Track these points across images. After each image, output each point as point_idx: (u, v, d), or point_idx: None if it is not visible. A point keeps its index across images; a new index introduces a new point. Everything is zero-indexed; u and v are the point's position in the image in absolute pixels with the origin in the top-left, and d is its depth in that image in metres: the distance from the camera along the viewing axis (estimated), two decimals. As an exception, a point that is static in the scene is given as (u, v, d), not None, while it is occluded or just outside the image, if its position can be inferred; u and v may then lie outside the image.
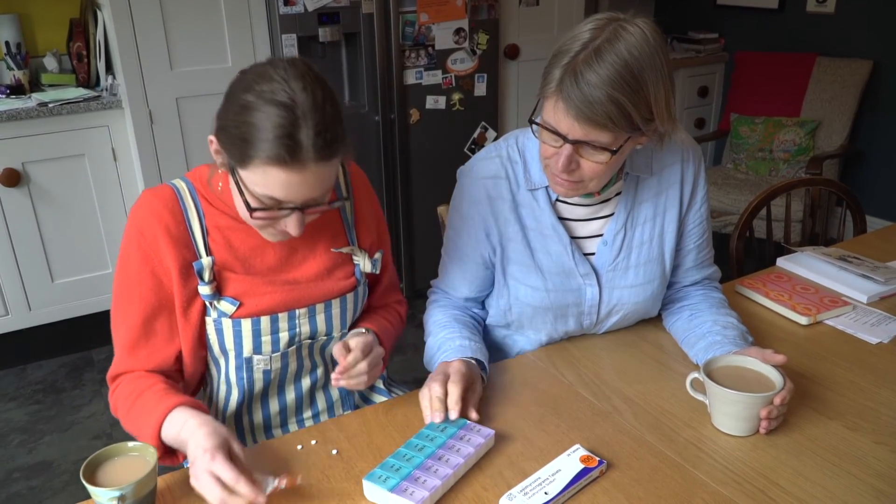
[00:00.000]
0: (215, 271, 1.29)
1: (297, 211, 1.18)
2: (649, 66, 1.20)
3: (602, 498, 1.12)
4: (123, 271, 1.30)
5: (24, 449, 2.67)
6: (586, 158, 1.27)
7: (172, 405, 1.19)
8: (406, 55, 3.29)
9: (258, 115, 1.10)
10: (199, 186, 1.31)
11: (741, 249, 2.20)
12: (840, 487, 1.13)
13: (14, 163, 2.90)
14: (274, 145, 1.09)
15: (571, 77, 1.19)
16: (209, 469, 1.06)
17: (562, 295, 1.46)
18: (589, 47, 1.19)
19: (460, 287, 1.54)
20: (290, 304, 1.33)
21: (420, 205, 3.55)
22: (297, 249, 1.35)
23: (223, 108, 1.17)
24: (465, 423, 1.24)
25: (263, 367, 1.36)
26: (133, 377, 1.30)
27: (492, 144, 1.49)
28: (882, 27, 3.94)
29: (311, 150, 1.10)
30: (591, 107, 1.18)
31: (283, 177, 1.12)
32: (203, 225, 1.29)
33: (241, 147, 1.12)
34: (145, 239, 1.27)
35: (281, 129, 1.09)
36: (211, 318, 1.32)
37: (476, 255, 1.49)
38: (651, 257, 1.48)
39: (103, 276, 3.21)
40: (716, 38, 4.65)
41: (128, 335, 1.30)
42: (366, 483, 1.12)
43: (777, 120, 4.03)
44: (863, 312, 1.65)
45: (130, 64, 2.91)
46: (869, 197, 4.09)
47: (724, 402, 1.23)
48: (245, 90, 1.13)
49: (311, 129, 1.10)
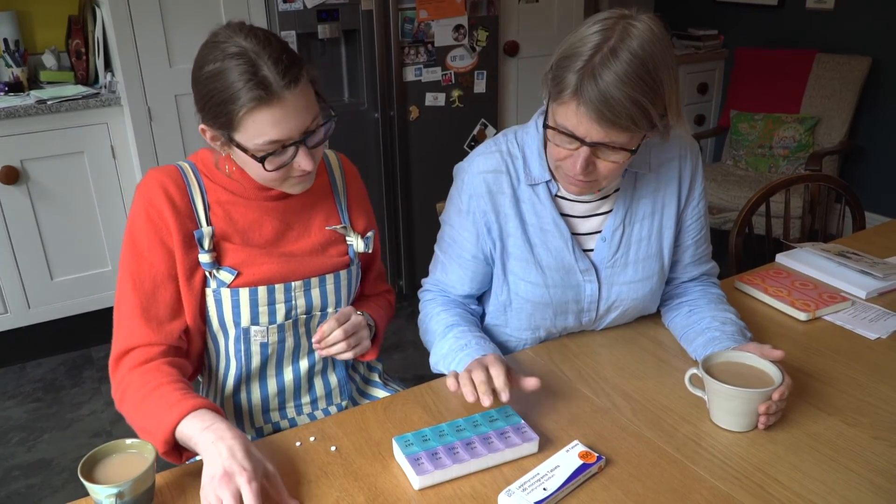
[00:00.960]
0: (215, 241, 1.34)
1: (301, 145, 1.24)
2: (662, 62, 1.20)
3: (601, 494, 1.12)
4: (131, 244, 1.32)
5: (24, 447, 2.67)
6: (603, 159, 1.28)
7: (198, 404, 1.18)
8: (405, 52, 3.28)
9: (221, 77, 1.18)
10: (201, 166, 1.38)
11: (740, 246, 2.20)
12: (838, 482, 1.13)
13: (13, 160, 2.89)
14: (246, 92, 1.17)
15: (591, 80, 1.18)
16: (237, 487, 1.05)
17: (562, 291, 1.46)
18: (604, 48, 1.18)
19: (460, 284, 1.53)
20: (286, 275, 1.37)
21: (419, 202, 3.55)
22: (292, 227, 1.41)
23: (195, 94, 1.26)
24: (520, 422, 1.23)
25: (261, 339, 1.39)
26: (147, 369, 1.27)
27: (490, 140, 1.49)
28: (881, 24, 3.93)
29: (279, 79, 1.18)
30: (612, 109, 1.18)
31: (269, 115, 1.19)
32: (205, 199, 1.35)
33: (224, 112, 1.20)
34: (154, 209, 1.31)
35: (244, 74, 1.17)
36: (210, 288, 1.35)
37: (478, 251, 1.48)
38: (650, 253, 1.48)
39: (102, 273, 3.20)
40: (715, 35, 4.65)
41: (136, 306, 1.30)
42: (394, 441, 1.19)
43: (777, 116, 4.03)
44: (862, 308, 1.65)
45: (129, 61, 2.91)
46: (868, 193, 4.09)
47: (723, 397, 1.23)
48: (201, 67, 1.22)
49: (269, 62, 1.18)
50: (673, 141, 1.46)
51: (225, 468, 1.06)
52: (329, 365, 1.50)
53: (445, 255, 1.54)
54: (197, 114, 1.27)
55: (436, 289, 1.58)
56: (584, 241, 1.48)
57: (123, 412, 1.29)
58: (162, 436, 1.16)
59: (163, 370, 1.27)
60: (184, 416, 1.16)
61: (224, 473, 1.06)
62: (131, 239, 1.32)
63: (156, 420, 1.19)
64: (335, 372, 1.51)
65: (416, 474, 1.12)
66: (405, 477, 1.15)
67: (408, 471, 1.15)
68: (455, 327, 1.45)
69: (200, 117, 1.27)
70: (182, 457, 1.21)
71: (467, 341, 1.40)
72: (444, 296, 1.56)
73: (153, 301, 1.31)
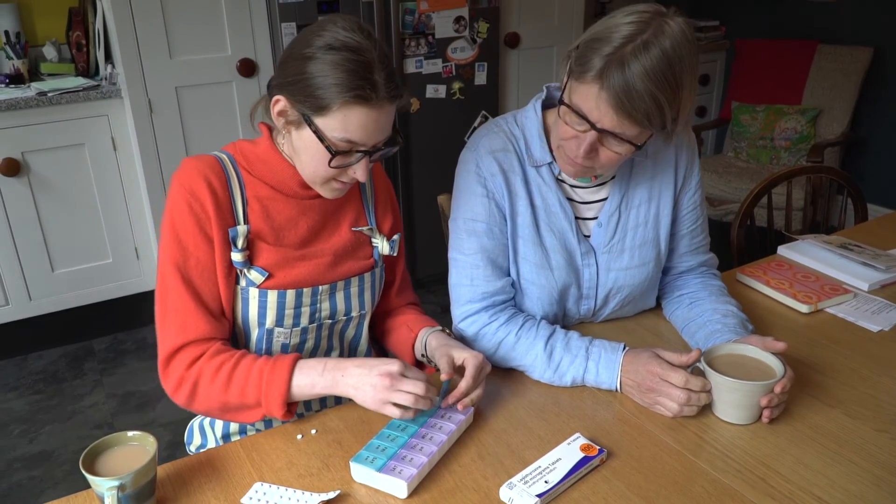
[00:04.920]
0: (249, 240, 1.32)
1: (367, 155, 1.24)
2: (689, 66, 1.21)
3: (602, 486, 1.12)
4: (174, 236, 1.27)
5: (25, 439, 2.68)
6: (607, 147, 1.28)
7: (294, 357, 1.23)
8: (406, 44, 3.27)
9: (333, 61, 1.16)
10: (240, 158, 1.34)
11: (742, 238, 2.19)
12: (840, 475, 1.13)
13: (14, 152, 2.89)
14: (356, 86, 1.16)
15: (618, 68, 1.18)
16: (402, 372, 1.17)
17: (565, 273, 1.45)
18: (637, 40, 1.19)
19: (501, 273, 1.45)
20: (316, 279, 1.36)
21: (420, 194, 3.54)
22: (325, 225, 1.39)
23: (285, 67, 1.22)
24: (439, 401, 1.25)
25: (283, 340, 1.38)
26: (210, 356, 1.25)
27: (490, 122, 1.49)
28: (883, 14, 3.92)
29: (385, 89, 1.18)
30: (632, 101, 1.19)
31: (363, 116, 1.19)
32: (244, 194, 1.32)
33: (321, 94, 1.17)
34: (197, 201, 1.26)
35: (360, 71, 1.16)
36: (240, 286, 1.32)
37: (505, 232, 1.44)
38: (646, 240, 1.48)
39: (104, 265, 3.20)
40: (717, 26, 4.63)
41: (189, 298, 1.27)
42: (353, 465, 1.13)
43: (778, 108, 4.02)
44: (864, 300, 1.65)
45: (129, 53, 2.90)
46: (870, 184, 4.08)
47: (725, 390, 1.23)
48: (306, 45, 1.19)
49: (383, 70, 1.18)
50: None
51: (379, 374, 1.16)
52: None
53: (475, 257, 1.43)
54: (272, 84, 1.25)
55: (481, 305, 1.44)
56: (583, 226, 1.48)
57: (199, 406, 1.27)
58: (278, 400, 1.20)
59: (225, 352, 1.26)
60: (290, 373, 1.21)
61: (383, 378, 1.16)
62: (173, 232, 1.27)
63: (260, 391, 1.21)
64: None
65: (402, 480, 1.08)
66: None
67: (386, 484, 1.11)
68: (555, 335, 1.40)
69: (279, 87, 1.23)
70: (293, 411, 1.25)
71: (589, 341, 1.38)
72: (496, 309, 1.44)
73: (205, 294, 1.29)
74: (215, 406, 1.25)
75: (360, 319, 1.45)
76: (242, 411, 1.24)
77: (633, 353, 1.33)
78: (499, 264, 1.45)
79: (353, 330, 1.45)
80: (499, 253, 1.44)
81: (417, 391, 1.16)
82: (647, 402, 1.29)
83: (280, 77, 1.23)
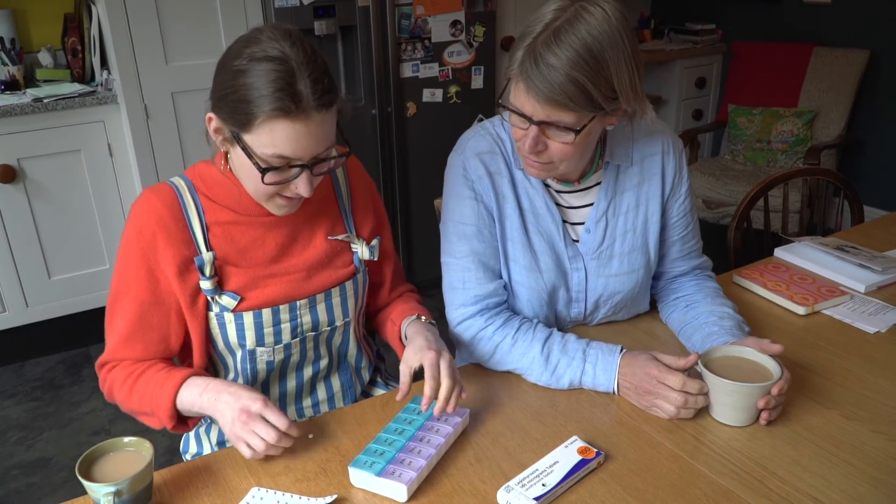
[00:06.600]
0: (216, 266, 1.30)
1: (305, 169, 1.19)
2: (610, 45, 1.20)
3: (600, 489, 1.11)
4: (121, 267, 1.31)
5: (23, 446, 2.67)
6: (552, 139, 1.28)
7: (187, 374, 1.25)
8: (402, 48, 3.28)
9: (255, 74, 1.12)
10: (199, 183, 1.32)
11: (739, 240, 2.19)
12: (838, 477, 1.13)
13: (10, 159, 2.89)
14: (276, 98, 1.11)
15: (531, 58, 1.20)
16: (261, 413, 1.14)
17: (553, 276, 1.45)
18: (549, 28, 1.20)
19: (493, 276, 1.44)
20: (291, 295, 1.34)
21: (417, 198, 3.54)
22: (296, 239, 1.36)
23: (216, 82, 1.19)
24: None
25: (267, 357, 1.37)
26: (128, 362, 1.33)
27: (476, 124, 1.49)
28: (879, 17, 3.92)
29: (311, 99, 1.13)
30: (550, 87, 1.19)
31: (290, 129, 1.14)
32: (203, 221, 1.30)
33: (244, 109, 1.14)
34: (143, 238, 1.27)
35: (280, 81, 1.11)
36: (213, 312, 1.32)
37: (495, 234, 1.44)
38: (635, 246, 1.48)
39: (100, 272, 3.19)
40: (713, 29, 4.64)
41: (122, 329, 1.32)
42: (352, 470, 1.13)
43: (775, 110, 4.03)
44: (860, 302, 1.65)
45: (125, 59, 2.90)
46: (867, 187, 4.09)
47: (722, 392, 1.23)
48: (235, 57, 1.15)
49: (308, 79, 1.13)
50: (656, 136, 1.47)
51: (239, 409, 1.14)
52: (333, 369, 1.49)
53: (465, 260, 1.43)
54: (208, 100, 1.21)
55: (475, 309, 1.43)
56: (572, 231, 1.48)
57: (123, 408, 1.34)
58: (165, 412, 1.23)
59: (142, 362, 1.33)
60: (177, 389, 1.23)
61: (241, 413, 1.14)
62: (121, 264, 1.31)
63: (153, 401, 1.25)
64: (339, 376, 1.50)
65: (402, 484, 1.08)
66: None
67: (385, 488, 1.11)
68: (545, 340, 1.39)
69: (212, 104, 1.20)
70: (189, 425, 1.28)
71: (587, 343, 1.38)
72: (491, 312, 1.44)
73: (138, 327, 1.31)
74: (130, 409, 1.32)
75: (345, 327, 1.44)
76: (146, 417, 1.31)
77: (631, 355, 1.33)
78: (490, 267, 1.44)
79: (339, 337, 1.45)
80: (490, 255, 1.44)
81: (268, 438, 1.13)
82: (644, 404, 1.29)
83: (214, 90, 1.19)
